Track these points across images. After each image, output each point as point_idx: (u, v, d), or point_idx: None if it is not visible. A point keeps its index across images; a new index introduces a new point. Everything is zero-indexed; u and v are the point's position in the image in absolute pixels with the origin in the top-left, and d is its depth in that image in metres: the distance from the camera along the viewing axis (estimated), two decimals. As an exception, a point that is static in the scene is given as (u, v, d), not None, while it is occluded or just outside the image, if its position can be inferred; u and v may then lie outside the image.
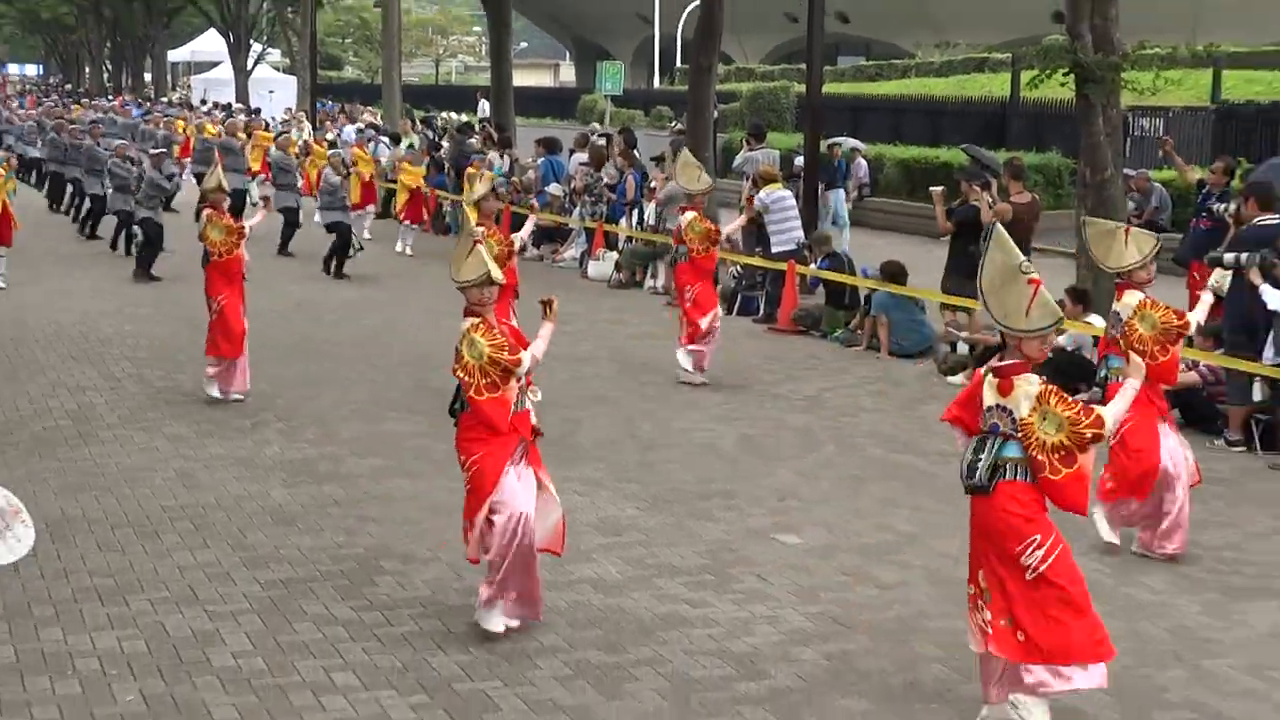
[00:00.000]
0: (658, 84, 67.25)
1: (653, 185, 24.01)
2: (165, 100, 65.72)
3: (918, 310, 17.90)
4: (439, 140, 32.88)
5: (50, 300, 20.60)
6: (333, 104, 56.64)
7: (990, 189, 17.54)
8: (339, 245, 23.20)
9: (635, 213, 24.53)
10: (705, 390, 15.41)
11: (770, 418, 14.32)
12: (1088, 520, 9.28)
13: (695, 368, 15.58)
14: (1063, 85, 18.23)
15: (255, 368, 14.73)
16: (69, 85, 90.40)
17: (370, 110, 50.97)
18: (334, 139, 36.21)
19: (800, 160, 24.86)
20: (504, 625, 8.36)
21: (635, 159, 25.53)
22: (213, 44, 77.42)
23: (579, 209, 25.33)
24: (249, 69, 68.64)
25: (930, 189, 18.88)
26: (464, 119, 41.77)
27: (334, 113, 49.36)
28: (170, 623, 8.68)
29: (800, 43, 33.82)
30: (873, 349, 17.72)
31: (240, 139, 33.53)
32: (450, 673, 8.02)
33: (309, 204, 27.36)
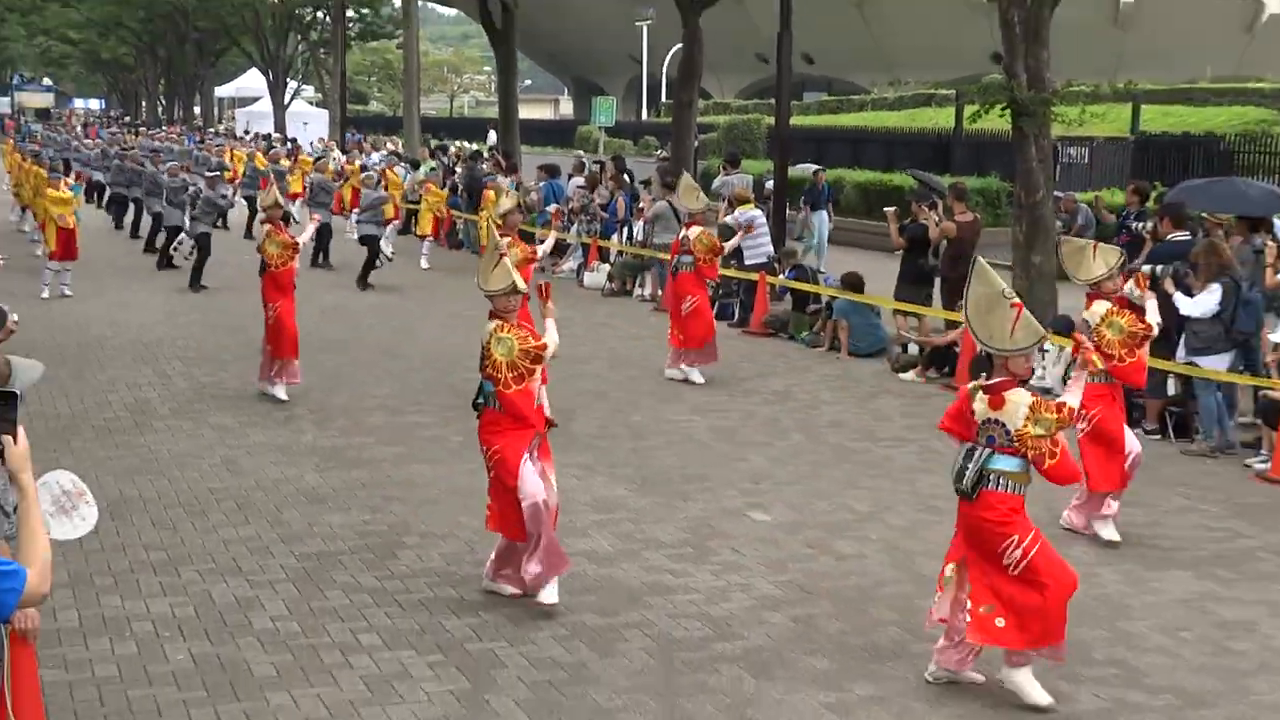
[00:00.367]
0: (645, 116, 67.27)
1: (641, 206, 24.01)
2: (213, 131, 65.62)
3: (874, 315, 17.91)
4: (453, 166, 32.87)
5: (110, 308, 20.56)
6: (360, 135, 56.59)
7: (937, 209, 17.57)
8: (370, 259, 23.13)
9: (625, 230, 24.53)
10: (687, 385, 15.39)
11: (743, 410, 14.32)
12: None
13: (685, 364, 15.66)
14: (1001, 118, 18.23)
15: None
16: (128, 118, 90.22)
17: (392, 140, 50.96)
18: (363, 164, 36.19)
19: (770, 183, 24.84)
20: (557, 595, 8.29)
21: (625, 183, 25.55)
22: (254, 81, 77.48)
23: (576, 226, 25.30)
24: (286, 103, 68.69)
25: (885, 209, 18.91)
26: (475, 147, 41.76)
27: (361, 142, 49.31)
28: (216, 591, 8.68)
29: (770, 81, 33.85)
30: (834, 349, 17.73)
31: (285, 164, 33.56)
32: (462, 634, 8.01)
33: (337, 220, 27.36)
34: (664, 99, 66.26)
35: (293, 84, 73.29)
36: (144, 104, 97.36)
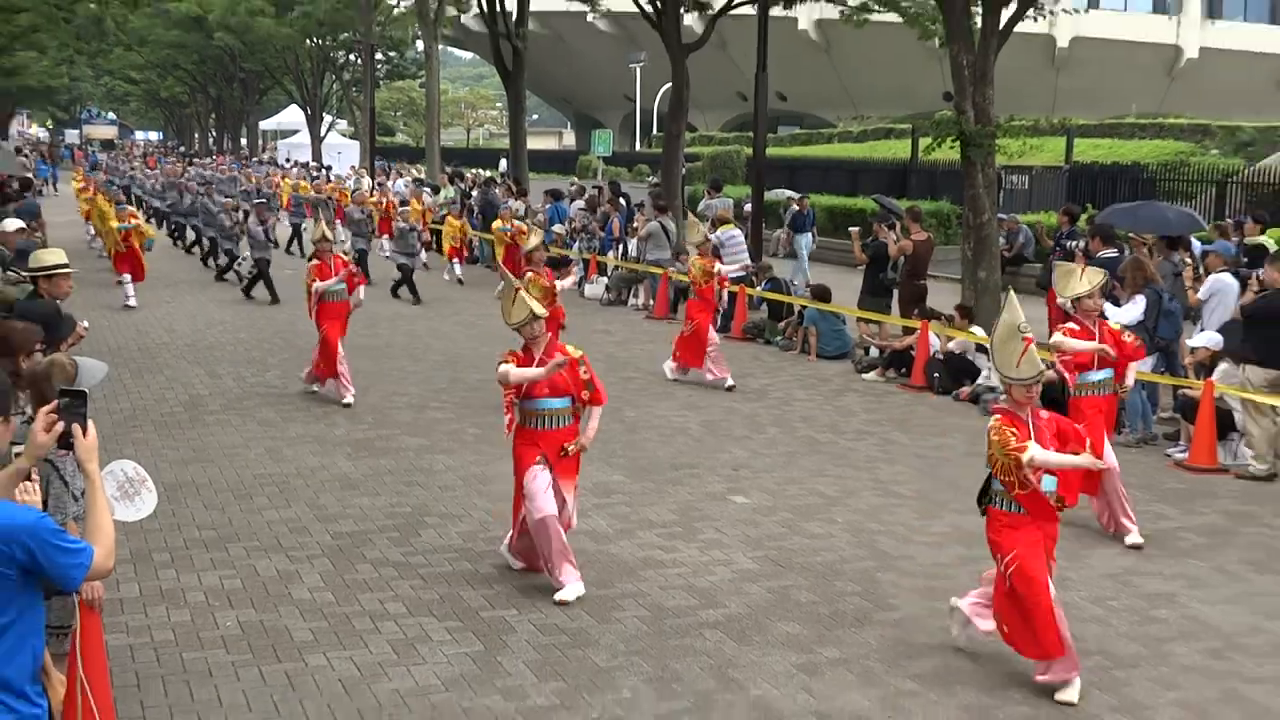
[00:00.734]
0: (639, 147, 67.22)
1: (635, 225, 24.01)
2: (256, 159, 65.55)
3: (839, 323, 17.91)
4: (469, 190, 32.84)
5: (168, 317, 20.53)
6: (390, 163, 56.59)
7: (895, 229, 17.59)
8: (403, 279, 22.93)
9: (620, 247, 24.52)
10: (676, 384, 15.40)
11: (725, 406, 14.32)
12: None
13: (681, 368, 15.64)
14: (951, 149, 18.28)
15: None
16: (182, 148, 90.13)
17: (416, 168, 50.92)
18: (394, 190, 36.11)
19: (749, 206, 24.86)
20: (573, 595, 8.07)
21: (620, 205, 25.53)
22: (294, 116, 77.48)
23: (577, 243, 25.28)
24: (322, 135, 68.69)
25: (849, 229, 18.93)
26: (489, 174, 41.71)
27: (389, 168, 49.25)
28: (260, 565, 8.67)
29: (749, 116, 33.89)
30: (804, 353, 17.73)
31: (329, 192, 33.54)
32: (478, 603, 8.01)
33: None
34: (655, 131, 66.23)
35: (328, 118, 73.27)
36: (196, 135, 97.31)
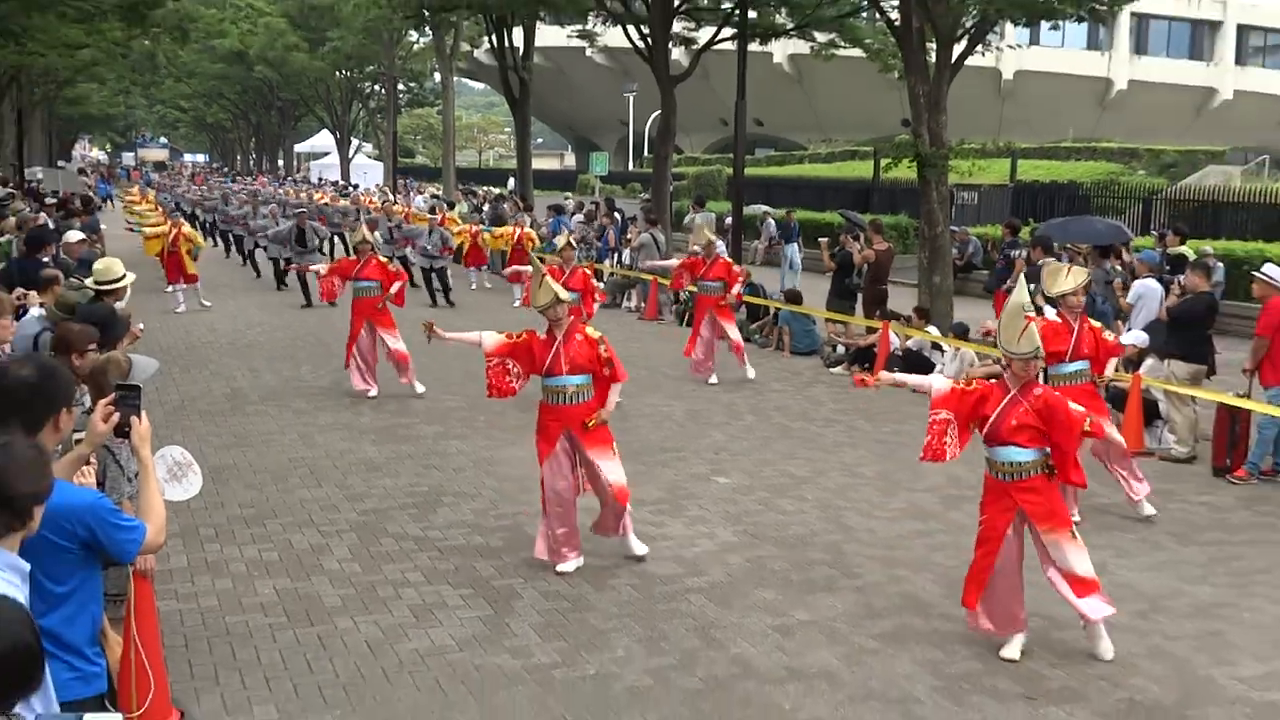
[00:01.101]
0: (631, 167, 67.08)
1: (628, 237, 23.98)
2: (292, 179, 65.43)
3: (810, 323, 17.91)
4: (481, 205, 32.78)
5: (212, 318, 20.49)
6: (413, 181, 56.54)
7: (860, 240, 17.59)
8: (439, 283, 22.69)
9: (616, 256, 24.49)
10: (663, 376, 15.38)
11: (708, 396, 14.31)
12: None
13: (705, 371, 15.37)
14: (909, 169, 18.29)
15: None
16: (225, 169, 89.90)
17: (435, 186, 50.87)
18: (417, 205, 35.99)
19: (730, 220, 24.82)
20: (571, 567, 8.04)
21: (615, 219, 25.50)
22: (325, 140, 77.33)
23: (577, 253, 25.15)
24: (350, 157, 68.53)
25: (819, 240, 18.92)
26: (499, 191, 41.65)
27: (410, 186, 49.20)
28: (294, 539, 8.65)
29: (729, 139, 33.90)
30: (779, 349, 17.73)
31: (372, 207, 33.45)
32: (488, 573, 8.00)
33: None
34: (646, 153, 66.15)
35: (355, 142, 73.13)
36: (238, 157, 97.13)
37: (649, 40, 25.83)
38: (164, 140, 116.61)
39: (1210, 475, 10.93)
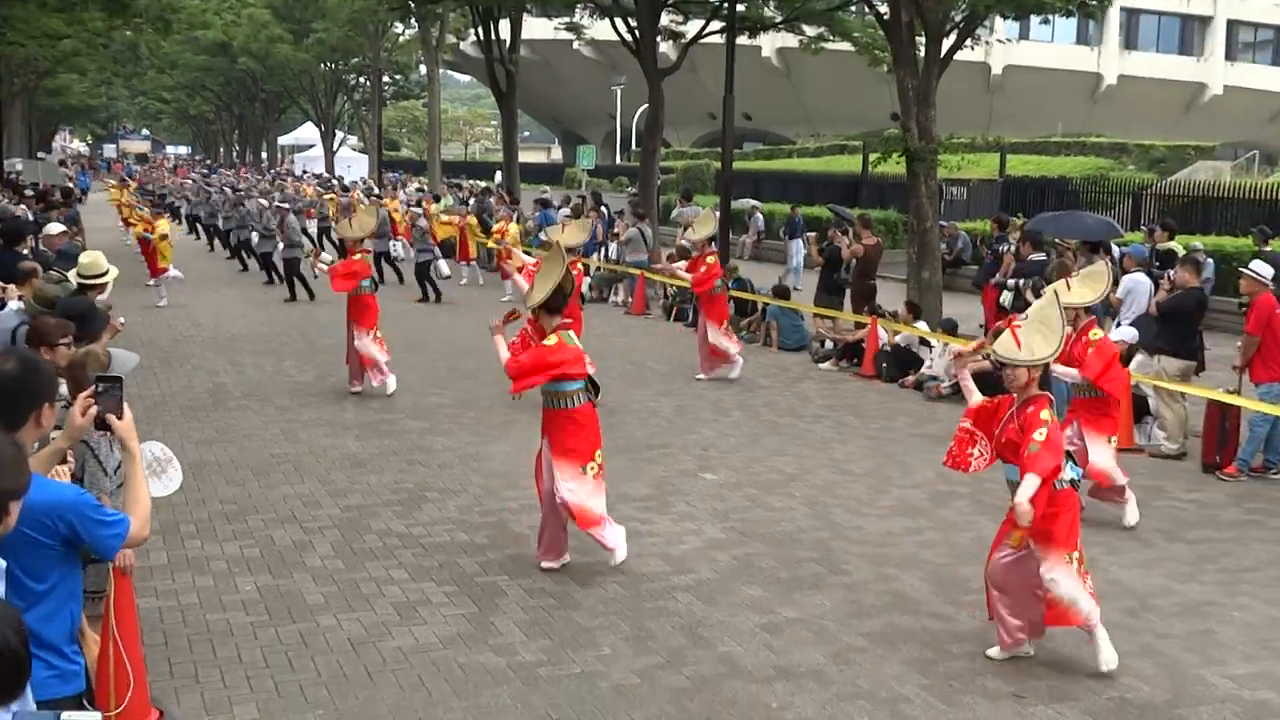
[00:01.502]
0: (619, 161, 67.02)
1: (615, 231, 23.93)
2: (275, 172, 65.24)
3: (798, 318, 17.90)
4: (467, 199, 32.69)
5: (196, 313, 20.40)
6: (400, 174, 56.39)
7: (848, 234, 17.58)
8: (426, 275, 22.58)
9: (603, 250, 24.42)
10: (651, 372, 15.36)
11: (696, 392, 14.29)
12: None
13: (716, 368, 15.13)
14: (898, 164, 18.28)
15: (339, 358, 14.63)
16: (209, 161, 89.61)
17: (419, 179, 50.75)
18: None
19: (717, 213, 24.73)
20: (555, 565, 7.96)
21: (602, 213, 25.42)
22: (309, 132, 77.26)
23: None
24: (335, 150, 68.37)
25: (807, 234, 18.92)
26: (485, 184, 41.57)
27: (396, 181, 49.08)
28: (276, 535, 8.61)
29: (717, 133, 33.87)
30: (767, 345, 17.72)
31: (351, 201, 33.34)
32: (473, 570, 7.97)
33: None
34: (634, 147, 66.08)
35: (340, 134, 73.02)
36: (221, 150, 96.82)
37: (636, 33, 25.78)
38: (146, 132, 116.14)
39: (1200, 472, 10.96)
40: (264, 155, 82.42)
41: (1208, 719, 6.05)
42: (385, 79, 62.66)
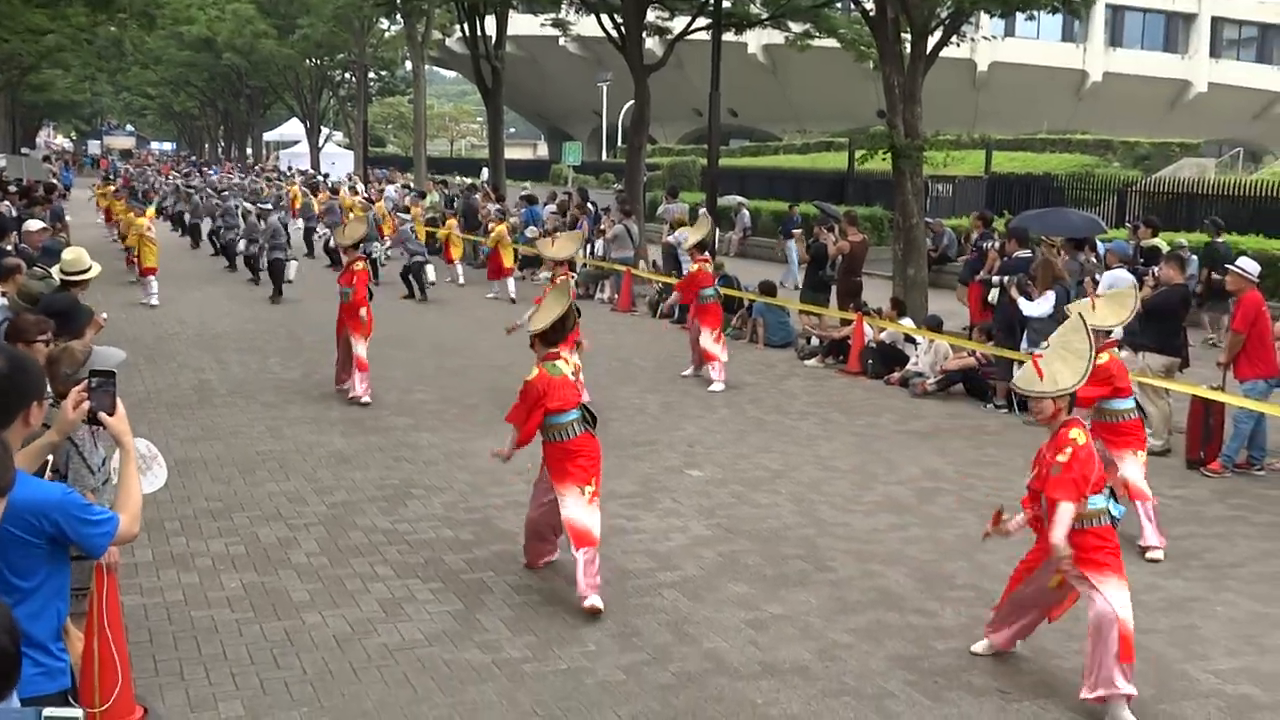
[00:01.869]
0: (605, 157, 66.96)
1: (602, 227, 23.91)
2: (259, 168, 65.02)
3: (784, 315, 17.92)
4: (453, 197, 32.65)
5: (179, 309, 20.33)
6: (385, 171, 56.24)
7: (834, 231, 17.62)
8: (415, 273, 22.49)
9: (589, 246, 24.38)
10: (637, 369, 15.36)
11: (682, 389, 14.30)
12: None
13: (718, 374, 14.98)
14: (884, 160, 18.31)
15: (324, 355, 14.59)
16: (194, 157, 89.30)
17: (405, 175, 50.63)
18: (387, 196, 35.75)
19: (703, 210, 24.73)
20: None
21: (589, 210, 25.41)
22: (294, 128, 76.97)
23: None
24: (320, 146, 68.16)
25: (792, 231, 18.92)
26: (471, 181, 41.49)
27: (383, 177, 48.96)
28: (261, 533, 8.59)
29: (703, 129, 33.88)
30: (753, 341, 17.74)
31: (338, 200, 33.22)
32: (458, 566, 7.96)
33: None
34: (620, 143, 66.05)
35: (325, 130, 72.76)
36: (206, 146, 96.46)
37: (622, 29, 25.76)
38: (130, 128, 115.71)
39: (1184, 468, 11.02)
40: (249, 151, 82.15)
41: (1191, 714, 6.08)
42: (370, 75, 62.44)
